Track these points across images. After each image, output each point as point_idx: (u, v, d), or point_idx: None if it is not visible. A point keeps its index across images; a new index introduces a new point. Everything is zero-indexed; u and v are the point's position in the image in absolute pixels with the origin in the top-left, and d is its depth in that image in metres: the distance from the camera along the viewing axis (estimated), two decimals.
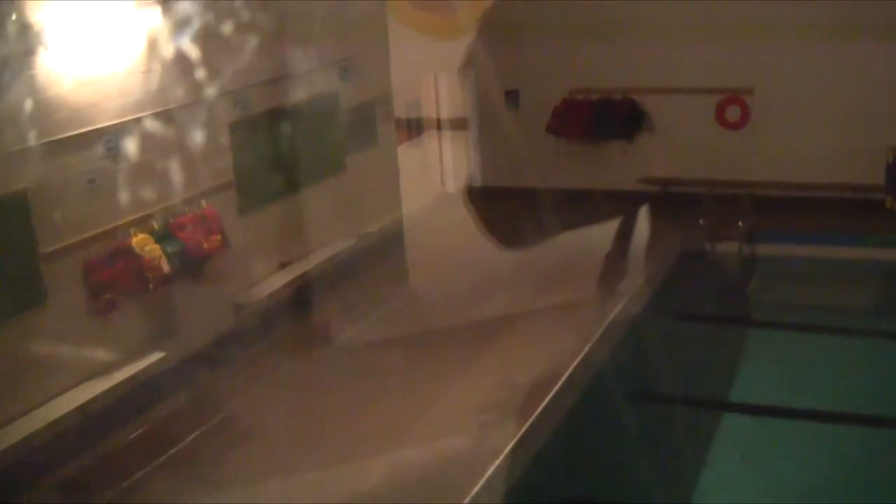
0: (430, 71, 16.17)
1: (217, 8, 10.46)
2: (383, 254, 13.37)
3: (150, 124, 9.88)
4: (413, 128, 15.94)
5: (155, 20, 9.90)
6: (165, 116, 10.06)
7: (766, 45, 14.96)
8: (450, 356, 10.19)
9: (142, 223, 9.73)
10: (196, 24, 10.24)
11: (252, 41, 11.30)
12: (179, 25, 10.14)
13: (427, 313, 11.79)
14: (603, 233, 13.86)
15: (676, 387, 10.38)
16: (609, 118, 15.81)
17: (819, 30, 14.58)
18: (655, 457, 8.97)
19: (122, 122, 9.61)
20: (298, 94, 12.19)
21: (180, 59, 10.18)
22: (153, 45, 9.97)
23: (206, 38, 10.35)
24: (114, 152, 9.56)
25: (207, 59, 10.29)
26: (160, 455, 8.71)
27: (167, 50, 10.10)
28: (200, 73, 10.31)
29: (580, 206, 15.03)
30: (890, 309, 11.76)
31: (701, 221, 13.39)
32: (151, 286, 9.61)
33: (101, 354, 9.32)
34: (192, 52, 10.32)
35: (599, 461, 9.20)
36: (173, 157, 10.12)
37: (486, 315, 11.14)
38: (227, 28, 10.70)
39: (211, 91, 10.62)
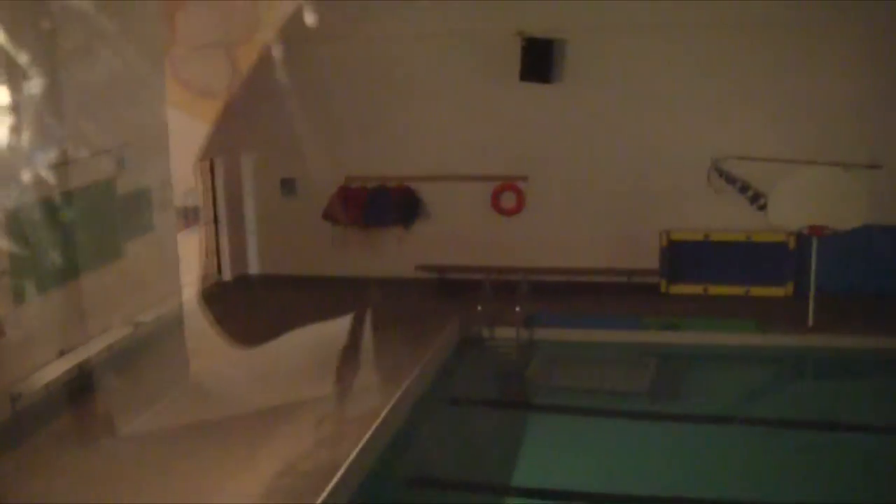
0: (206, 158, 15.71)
1: None
2: (161, 341, 13.00)
3: None
4: (190, 215, 15.37)
5: None
6: None
7: (540, 134, 15.28)
8: (232, 445, 9.66)
9: None
10: None
11: (25, 126, 10.85)
12: None
13: (207, 402, 11.26)
14: (381, 319, 13.58)
15: (456, 471, 10.06)
16: (385, 205, 15.64)
17: (591, 117, 15.08)
18: None
19: None
20: (75, 180, 11.74)
21: None
22: None
23: None
24: None
25: None
26: None
27: None
28: None
29: (358, 294, 14.75)
30: (664, 391, 11.90)
31: (479, 307, 13.26)
32: None
33: None
34: None
35: None
36: None
37: (266, 403, 10.63)
38: None
39: None
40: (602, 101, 14.96)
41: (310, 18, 13.92)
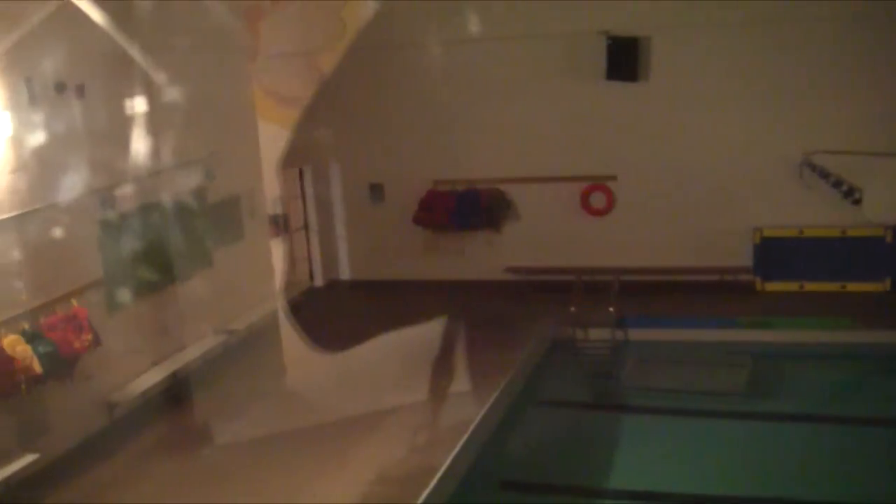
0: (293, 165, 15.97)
1: (83, 107, 10.48)
2: (254, 348, 13.24)
3: (17, 225, 9.69)
4: (280, 223, 15.66)
5: (20, 121, 9.77)
6: (33, 216, 9.90)
7: (628, 134, 15.18)
8: (328, 450, 9.87)
9: (11, 324, 9.49)
10: (63, 125, 10.26)
11: (119, 139, 11.21)
12: (44, 126, 10.05)
13: (303, 408, 11.51)
14: (472, 322, 13.61)
15: (548, 474, 10.11)
16: (474, 208, 15.71)
17: (678, 115, 14.97)
18: None
19: None
20: (166, 190, 12.10)
21: (48, 158, 10.11)
22: (20, 146, 9.83)
23: (71, 137, 10.43)
24: None
25: (75, 158, 10.34)
26: None
27: (32, 150, 9.97)
28: (69, 172, 10.33)
29: (449, 297, 14.91)
30: (761, 390, 11.78)
31: (572, 308, 13.25)
32: (24, 388, 9.37)
33: None
34: (60, 151, 10.32)
35: None
36: (42, 257, 10.02)
37: (361, 409, 10.82)
38: (93, 127, 10.68)
39: (78, 190, 10.45)
40: (688, 98, 14.82)
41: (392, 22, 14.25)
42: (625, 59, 14.83)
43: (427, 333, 13.21)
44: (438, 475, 8.84)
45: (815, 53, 14.28)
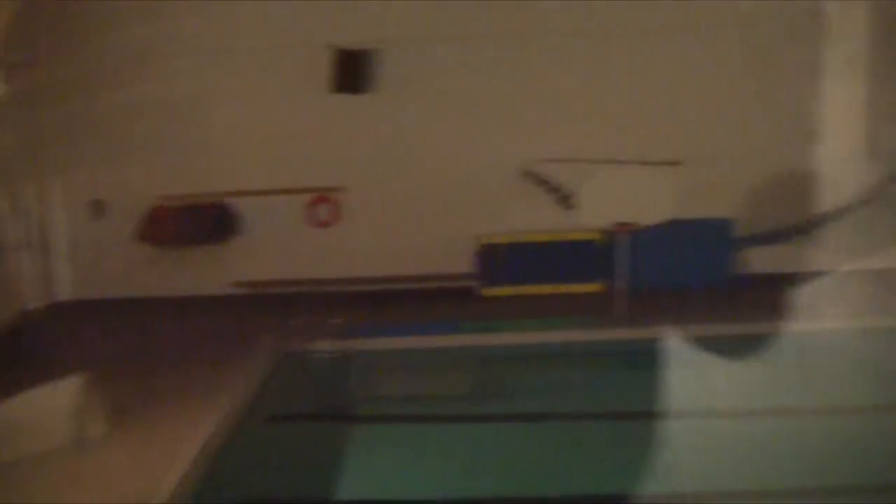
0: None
1: None
2: None
3: None
4: None
5: None
6: None
7: (357, 145, 15.35)
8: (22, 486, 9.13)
9: None
10: None
11: None
12: None
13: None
14: (196, 338, 13.31)
15: (288, 491, 9.93)
16: (200, 223, 15.37)
17: (406, 127, 15.24)
18: None
19: None
20: None
21: None
22: None
23: None
24: None
25: None
26: None
27: None
28: None
29: (174, 314, 14.46)
30: (487, 392, 12.08)
31: (292, 321, 13.15)
32: None
33: None
34: None
35: None
36: None
37: (82, 431, 10.17)
38: None
39: None
40: (417, 110, 15.15)
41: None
42: (351, 72, 14.93)
43: (145, 352, 12.76)
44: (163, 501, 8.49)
45: (530, 69, 14.95)
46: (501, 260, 15.14)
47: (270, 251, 15.57)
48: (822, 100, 14.82)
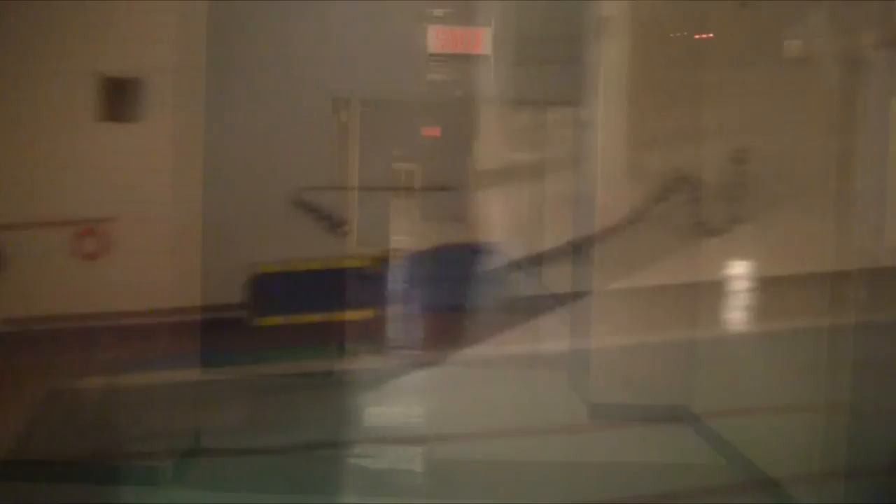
0: None
1: None
2: None
3: None
4: None
5: None
6: None
7: (126, 175, 14.87)
8: None
9: None
10: None
11: None
12: None
13: None
14: None
15: None
16: None
17: (177, 155, 14.93)
18: None
19: None
20: None
21: None
22: None
23: None
24: None
25: None
26: None
27: None
28: None
29: None
30: (258, 422, 12.12)
31: (60, 358, 12.85)
32: None
33: None
34: None
35: None
36: None
37: None
38: None
39: None
40: (188, 137, 14.96)
41: None
42: (119, 100, 14.65)
43: None
44: None
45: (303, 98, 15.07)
46: (276, 289, 15.16)
47: (38, 286, 15.00)
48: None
